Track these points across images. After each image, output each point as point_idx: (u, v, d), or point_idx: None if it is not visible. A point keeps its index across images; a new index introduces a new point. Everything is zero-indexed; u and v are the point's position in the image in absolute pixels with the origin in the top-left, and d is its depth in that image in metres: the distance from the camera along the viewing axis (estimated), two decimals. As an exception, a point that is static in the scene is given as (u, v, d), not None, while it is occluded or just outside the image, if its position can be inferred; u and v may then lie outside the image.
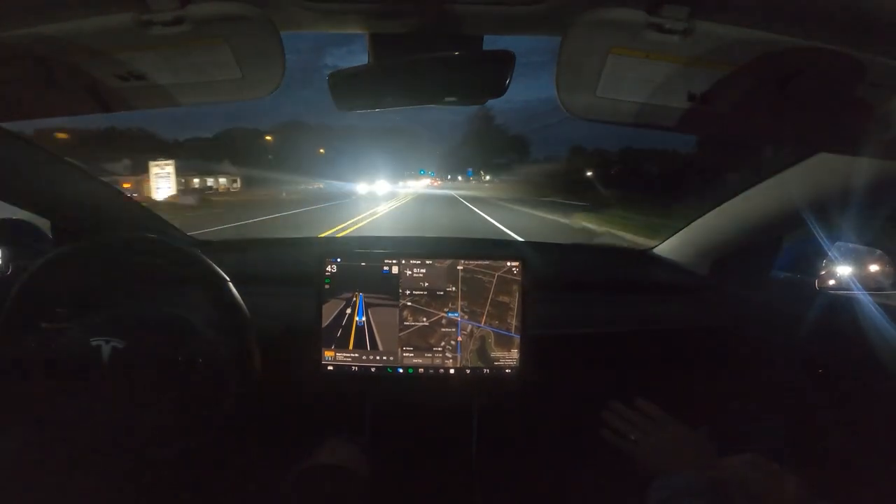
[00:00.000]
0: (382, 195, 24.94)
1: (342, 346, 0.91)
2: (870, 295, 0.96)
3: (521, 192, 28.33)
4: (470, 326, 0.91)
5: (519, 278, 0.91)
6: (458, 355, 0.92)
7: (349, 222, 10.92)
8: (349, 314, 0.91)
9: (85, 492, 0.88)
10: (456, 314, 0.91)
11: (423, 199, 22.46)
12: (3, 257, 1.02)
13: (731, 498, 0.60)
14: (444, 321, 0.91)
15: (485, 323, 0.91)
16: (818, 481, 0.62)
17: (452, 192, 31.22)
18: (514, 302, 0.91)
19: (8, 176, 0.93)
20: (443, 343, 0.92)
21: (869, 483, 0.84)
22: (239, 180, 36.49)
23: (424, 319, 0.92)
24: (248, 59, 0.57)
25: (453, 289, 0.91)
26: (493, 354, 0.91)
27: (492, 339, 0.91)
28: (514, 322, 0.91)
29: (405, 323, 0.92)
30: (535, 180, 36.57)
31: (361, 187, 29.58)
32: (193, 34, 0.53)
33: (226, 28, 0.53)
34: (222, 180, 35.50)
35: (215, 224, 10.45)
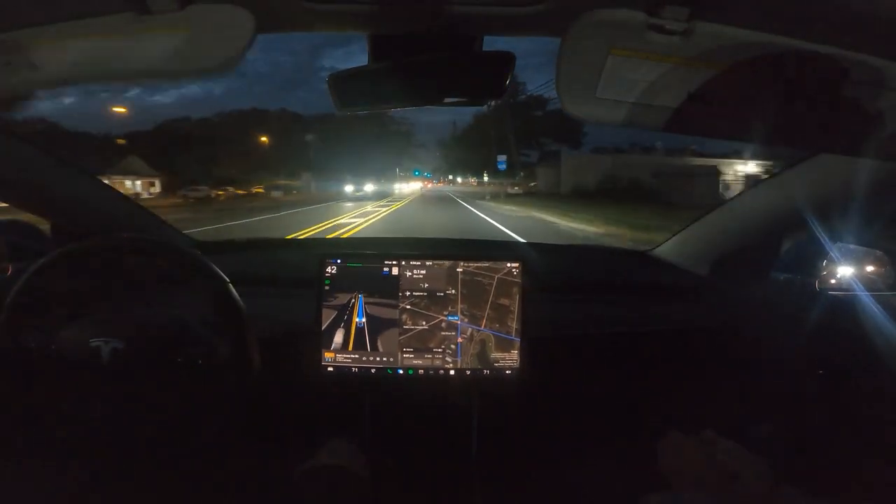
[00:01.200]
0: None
1: (342, 347, 0.91)
2: (870, 295, 0.96)
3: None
4: (470, 330, 0.91)
5: (519, 280, 0.91)
6: (458, 359, 0.91)
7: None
8: (349, 315, 0.91)
9: (85, 491, 0.88)
10: (456, 317, 0.91)
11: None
12: (3, 258, 1.02)
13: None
14: (443, 324, 0.91)
15: (485, 326, 0.91)
16: (818, 481, 0.62)
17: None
18: (515, 304, 0.91)
19: (8, 177, 0.93)
20: (443, 346, 0.91)
21: (870, 482, 0.84)
22: (158, 183, 28.48)
23: (424, 323, 0.91)
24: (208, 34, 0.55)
25: (453, 291, 0.91)
26: (492, 356, 0.91)
27: (492, 343, 0.91)
28: (514, 325, 0.91)
29: (405, 326, 0.91)
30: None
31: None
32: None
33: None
34: (128, 184, 27.25)
35: None
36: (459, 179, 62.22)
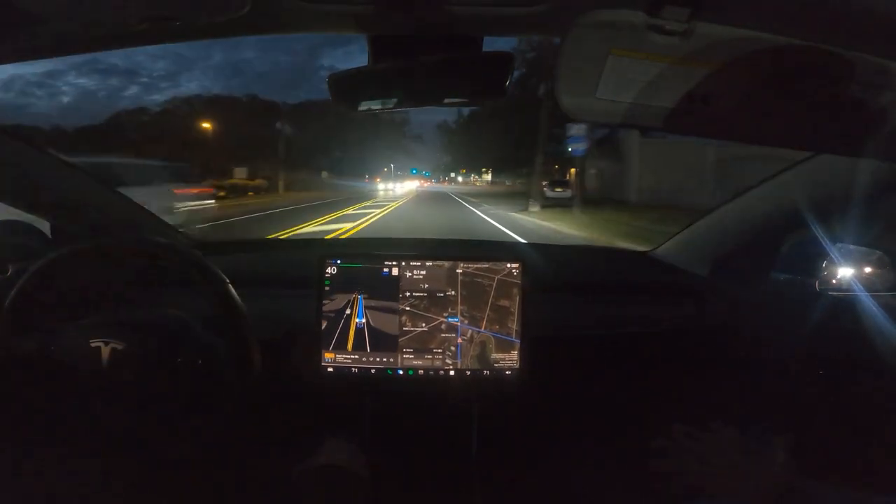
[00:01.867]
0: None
1: (341, 347, 0.91)
2: (870, 296, 0.95)
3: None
4: (470, 331, 0.91)
5: (519, 281, 0.91)
6: (458, 360, 0.91)
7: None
8: (348, 316, 0.91)
9: (84, 491, 0.88)
10: (456, 319, 0.91)
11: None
12: (2, 258, 1.02)
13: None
14: (443, 326, 0.91)
15: (485, 328, 0.91)
16: (818, 481, 0.62)
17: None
18: (515, 306, 0.90)
19: (8, 177, 0.93)
20: (443, 347, 0.91)
21: (870, 483, 0.84)
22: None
23: (424, 324, 0.91)
24: None
25: (453, 292, 0.91)
26: (492, 357, 0.91)
27: (492, 344, 0.91)
28: (514, 326, 0.91)
29: (405, 327, 0.91)
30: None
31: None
32: None
33: None
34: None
35: None
36: (461, 179, 57.26)
